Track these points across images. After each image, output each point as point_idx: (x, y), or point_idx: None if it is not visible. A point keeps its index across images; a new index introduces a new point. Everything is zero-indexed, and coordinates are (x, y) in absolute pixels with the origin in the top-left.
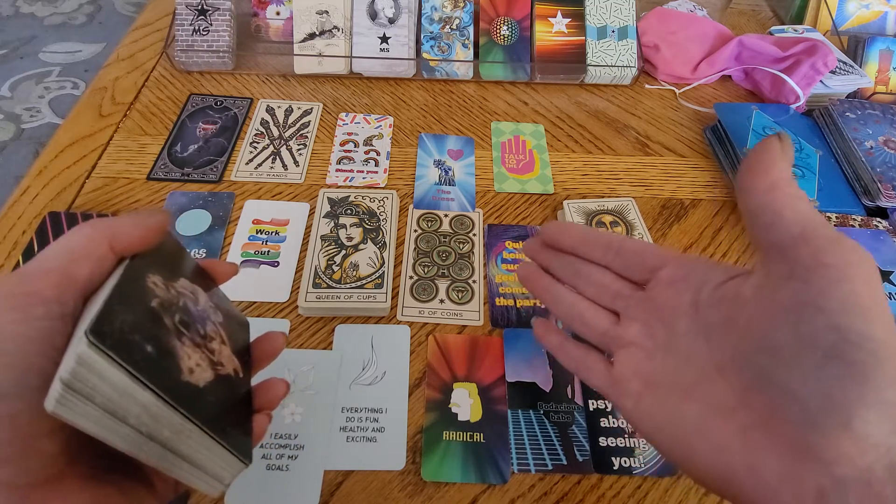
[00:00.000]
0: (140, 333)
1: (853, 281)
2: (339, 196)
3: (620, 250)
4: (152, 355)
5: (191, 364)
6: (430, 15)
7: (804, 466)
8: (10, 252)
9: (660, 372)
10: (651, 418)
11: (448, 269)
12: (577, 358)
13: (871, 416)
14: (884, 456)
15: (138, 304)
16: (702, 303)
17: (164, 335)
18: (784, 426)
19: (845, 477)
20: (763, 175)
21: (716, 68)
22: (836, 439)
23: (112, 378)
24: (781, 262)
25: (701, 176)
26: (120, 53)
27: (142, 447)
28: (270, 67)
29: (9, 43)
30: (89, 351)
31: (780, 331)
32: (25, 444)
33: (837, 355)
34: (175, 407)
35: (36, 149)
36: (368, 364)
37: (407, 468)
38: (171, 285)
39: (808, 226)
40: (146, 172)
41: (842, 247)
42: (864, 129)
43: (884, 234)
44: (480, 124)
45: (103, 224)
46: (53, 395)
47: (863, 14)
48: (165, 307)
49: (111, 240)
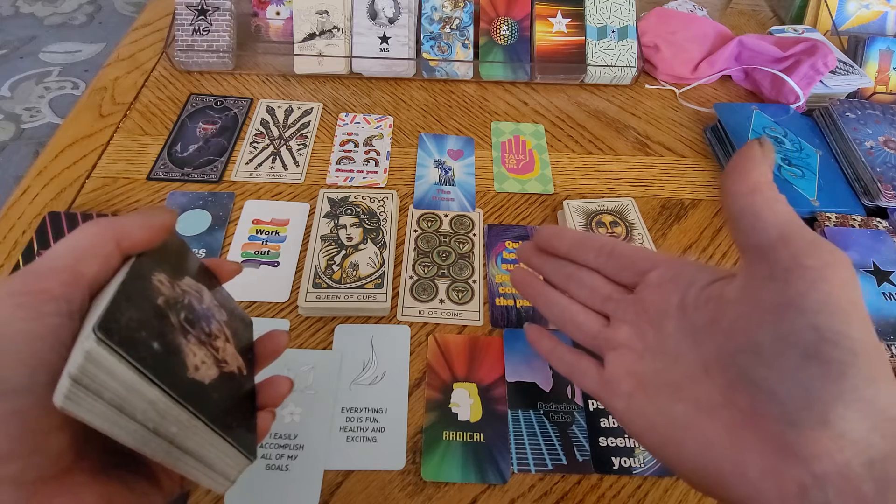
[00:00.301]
0: (146, 330)
1: (831, 282)
2: (339, 196)
3: (612, 254)
4: (159, 352)
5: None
6: (430, 15)
7: (785, 463)
8: (10, 252)
9: (650, 372)
10: (642, 418)
11: (448, 269)
12: (570, 362)
13: (848, 414)
14: (862, 452)
15: (144, 301)
16: (688, 304)
17: (169, 332)
18: (766, 424)
19: (825, 473)
20: (744, 179)
21: (716, 68)
22: (815, 436)
23: (119, 374)
24: (762, 263)
25: (701, 176)
26: (120, 53)
27: (149, 443)
28: (270, 67)
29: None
30: (97, 347)
31: (761, 331)
32: (34, 439)
33: (816, 354)
34: (181, 403)
35: (36, 149)
36: (368, 364)
37: (407, 468)
38: (176, 283)
39: (787, 228)
40: (146, 172)
41: (820, 249)
42: (864, 129)
43: (884, 234)
44: (480, 124)
45: (110, 223)
46: (62, 390)
47: (863, 14)
48: (171, 305)
49: (118, 238)
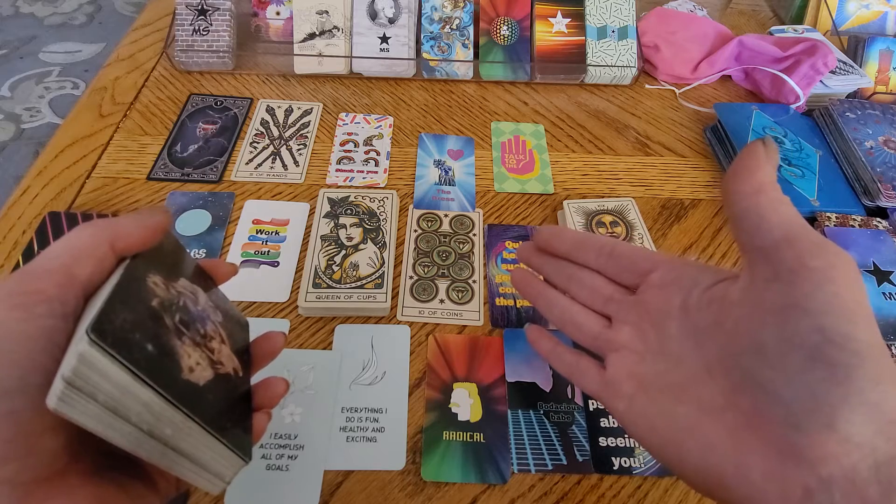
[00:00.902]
0: (141, 332)
1: (836, 283)
2: (339, 196)
3: (612, 254)
4: (153, 354)
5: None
6: (430, 15)
7: (790, 466)
8: (9, 252)
9: (651, 374)
10: (643, 419)
11: (448, 269)
12: (570, 362)
13: (854, 417)
14: (868, 456)
15: (139, 303)
16: (691, 306)
17: (164, 334)
18: (770, 426)
19: (830, 476)
20: (748, 179)
21: (716, 68)
22: (820, 440)
23: (113, 376)
24: (766, 265)
25: (701, 176)
26: (120, 53)
27: (143, 444)
28: (270, 67)
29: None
30: (91, 349)
31: (765, 332)
32: (28, 441)
33: (821, 357)
34: (176, 405)
35: (36, 149)
36: (368, 364)
37: (407, 468)
38: (171, 285)
39: (792, 229)
40: (146, 172)
41: (825, 250)
42: (864, 129)
43: (884, 234)
44: (480, 124)
45: (105, 224)
46: (55, 392)
47: (863, 14)
48: (166, 307)
49: (112, 240)
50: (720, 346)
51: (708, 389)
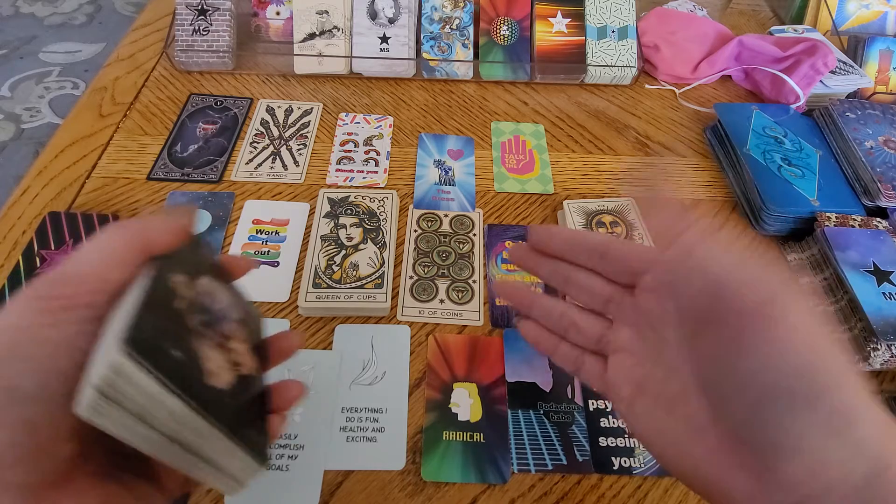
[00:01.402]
0: (168, 339)
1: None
2: (339, 196)
3: (605, 256)
4: (180, 361)
5: (212, 366)
6: (430, 15)
7: (767, 488)
8: (9, 252)
9: (649, 380)
10: (642, 424)
11: (448, 269)
12: (573, 359)
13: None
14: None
15: (165, 307)
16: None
17: (188, 338)
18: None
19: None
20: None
21: (716, 68)
22: (792, 465)
23: (143, 385)
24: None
25: (701, 176)
26: (120, 53)
27: (164, 450)
28: (270, 67)
29: (9, 43)
30: (126, 361)
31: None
32: (40, 446)
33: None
34: (200, 412)
35: (36, 149)
36: (368, 364)
37: (407, 468)
38: (192, 284)
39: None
40: (146, 172)
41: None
42: (864, 129)
43: (884, 234)
44: (480, 124)
45: (137, 229)
46: (86, 401)
47: (863, 14)
48: (189, 308)
49: (146, 246)
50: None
51: (695, 407)
